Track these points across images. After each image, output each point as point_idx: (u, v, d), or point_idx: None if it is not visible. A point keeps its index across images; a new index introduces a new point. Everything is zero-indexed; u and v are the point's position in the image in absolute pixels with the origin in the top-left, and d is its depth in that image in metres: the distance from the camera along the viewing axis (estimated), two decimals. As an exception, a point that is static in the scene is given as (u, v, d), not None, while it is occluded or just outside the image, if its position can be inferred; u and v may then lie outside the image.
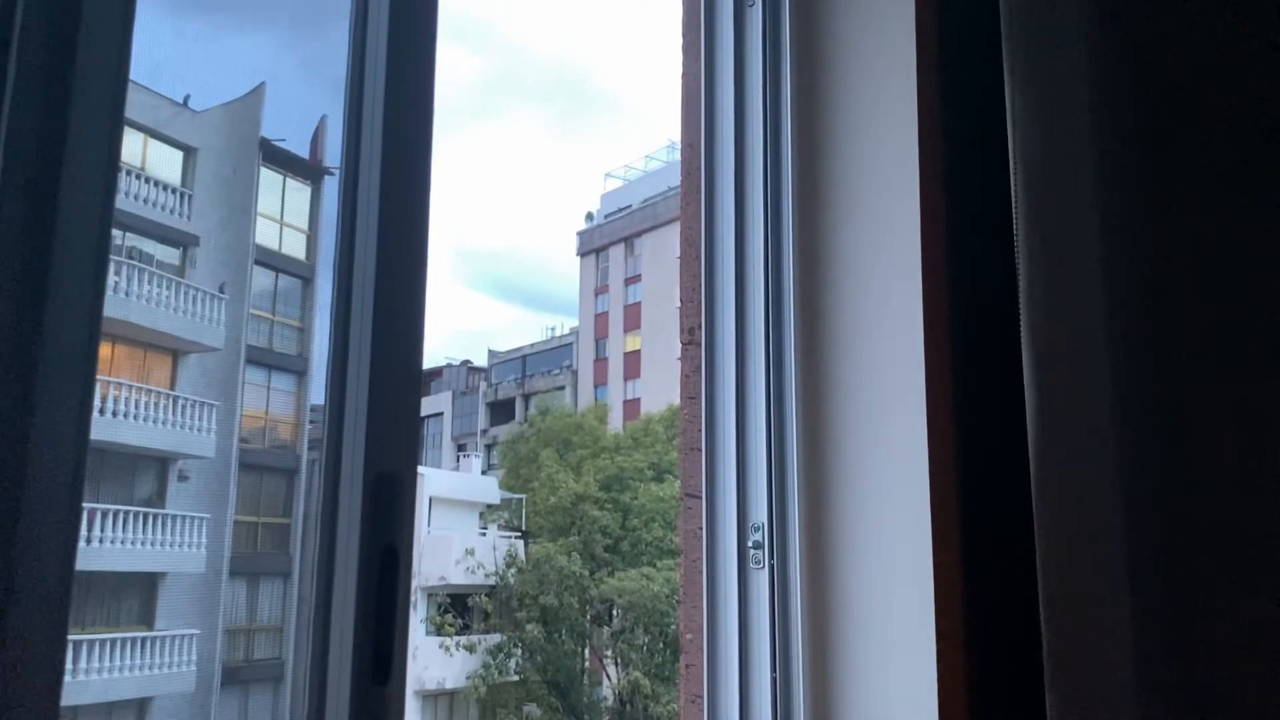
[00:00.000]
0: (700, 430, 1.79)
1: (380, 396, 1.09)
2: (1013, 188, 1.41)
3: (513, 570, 19.61)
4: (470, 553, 19.98)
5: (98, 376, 0.84)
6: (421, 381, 1.20)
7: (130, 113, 0.91)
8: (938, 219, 1.68)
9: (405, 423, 1.11)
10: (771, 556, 1.70)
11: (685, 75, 1.95)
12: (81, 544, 0.84)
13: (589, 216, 36.28)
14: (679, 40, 1.98)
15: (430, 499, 21.09)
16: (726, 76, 1.87)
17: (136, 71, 0.96)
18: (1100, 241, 1.29)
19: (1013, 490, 1.46)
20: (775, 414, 1.75)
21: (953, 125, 1.72)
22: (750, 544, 1.72)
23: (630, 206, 34.03)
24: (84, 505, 0.83)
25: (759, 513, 1.72)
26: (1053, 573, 1.29)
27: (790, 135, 1.83)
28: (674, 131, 2.04)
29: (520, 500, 22.84)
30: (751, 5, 1.88)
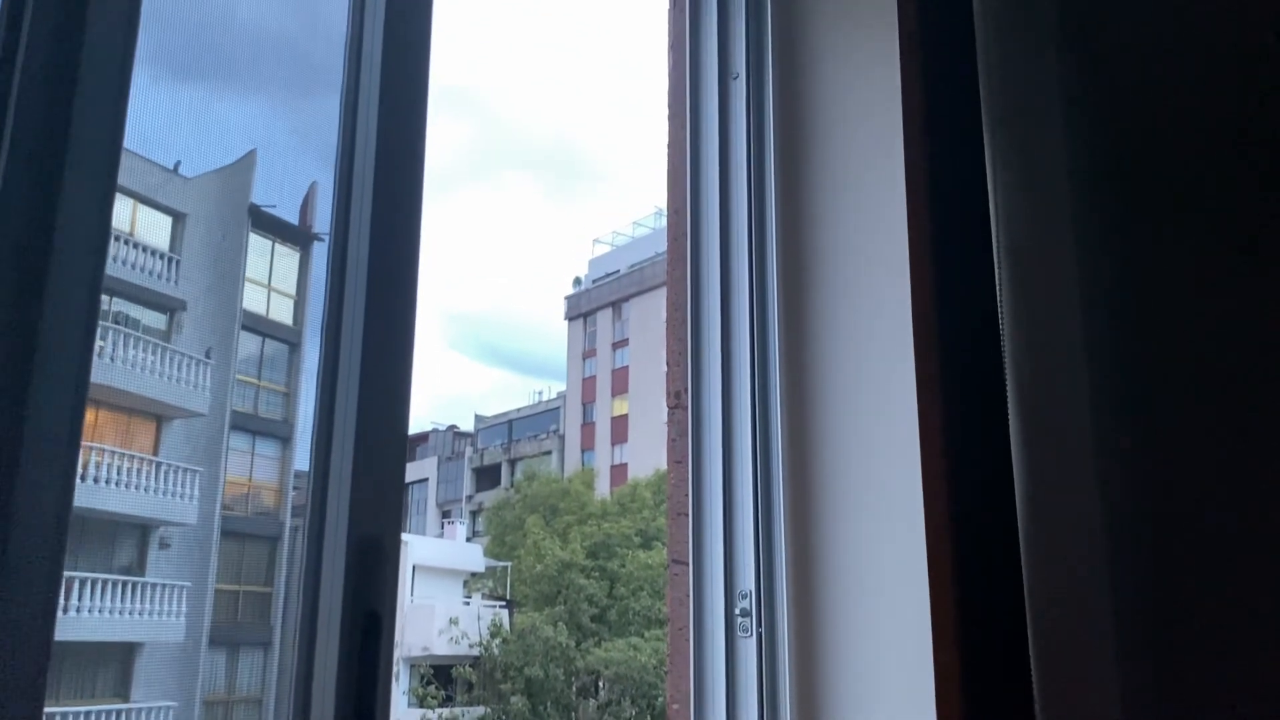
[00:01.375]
0: (687, 495, 1.78)
1: (365, 460, 1.08)
2: (995, 254, 1.43)
3: (497, 640, 19.30)
4: (454, 622, 19.68)
5: (81, 442, 0.84)
6: (407, 445, 1.20)
7: (120, 179, 0.92)
8: (925, 283, 1.69)
9: (390, 486, 1.10)
10: (759, 624, 1.68)
11: (671, 143, 1.99)
12: (58, 613, 0.82)
13: (577, 281, 36.52)
14: (665, 110, 2.02)
15: (414, 567, 20.83)
16: (711, 144, 1.90)
17: (128, 138, 0.97)
18: (1083, 319, 1.31)
19: (1008, 558, 1.45)
20: (762, 478, 1.75)
21: (939, 191, 1.75)
22: (737, 611, 1.70)
23: (618, 271, 34.29)
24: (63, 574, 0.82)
25: (746, 579, 1.71)
26: (1043, 641, 1.28)
27: (774, 201, 1.86)
28: (661, 198, 2.07)
29: (505, 568, 22.57)
30: (735, 77, 1.92)
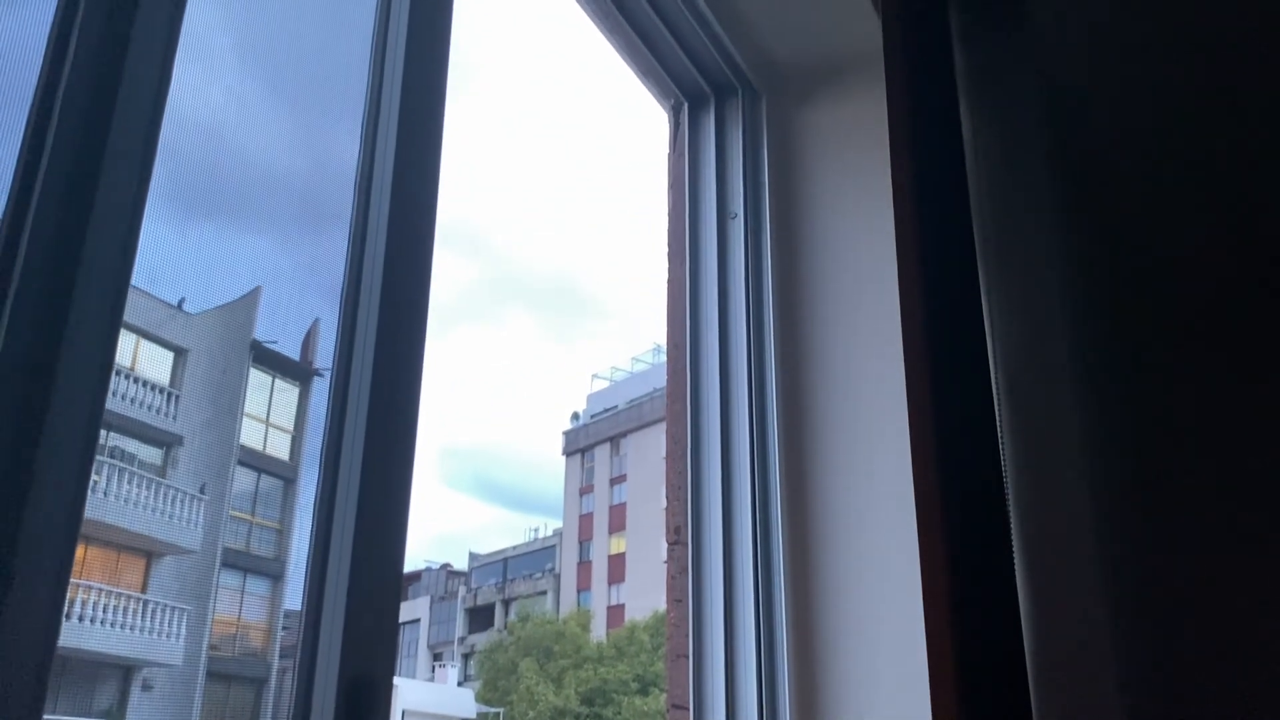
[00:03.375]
0: (687, 635, 1.73)
1: (360, 597, 1.06)
2: (994, 383, 1.44)
3: (488, 792, 18.52)
4: (444, 771, 18.91)
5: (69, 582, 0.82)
6: (402, 584, 1.18)
7: (125, 315, 0.92)
8: (925, 416, 1.69)
9: (384, 625, 1.08)
10: (764, 773, 1.62)
11: (671, 280, 2.02)
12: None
13: (575, 416, 36.55)
14: (665, 248, 2.06)
15: (403, 712, 20.14)
16: (710, 281, 1.93)
17: (136, 275, 0.97)
18: (1082, 448, 1.30)
19: (1016, 703, 1.41)
20: (765, 617, 1.70)
21: (935, 324, 1.76)
22: (741, 759, 1.64)
23: (616, 407, 34.37)
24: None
25: (750, 725, 1.65)
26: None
27: (773, 336, 1.87)
28: (660, 335, 2.10)
29: (498, 714, 21.86)
30: (734, 217, 1.97)
